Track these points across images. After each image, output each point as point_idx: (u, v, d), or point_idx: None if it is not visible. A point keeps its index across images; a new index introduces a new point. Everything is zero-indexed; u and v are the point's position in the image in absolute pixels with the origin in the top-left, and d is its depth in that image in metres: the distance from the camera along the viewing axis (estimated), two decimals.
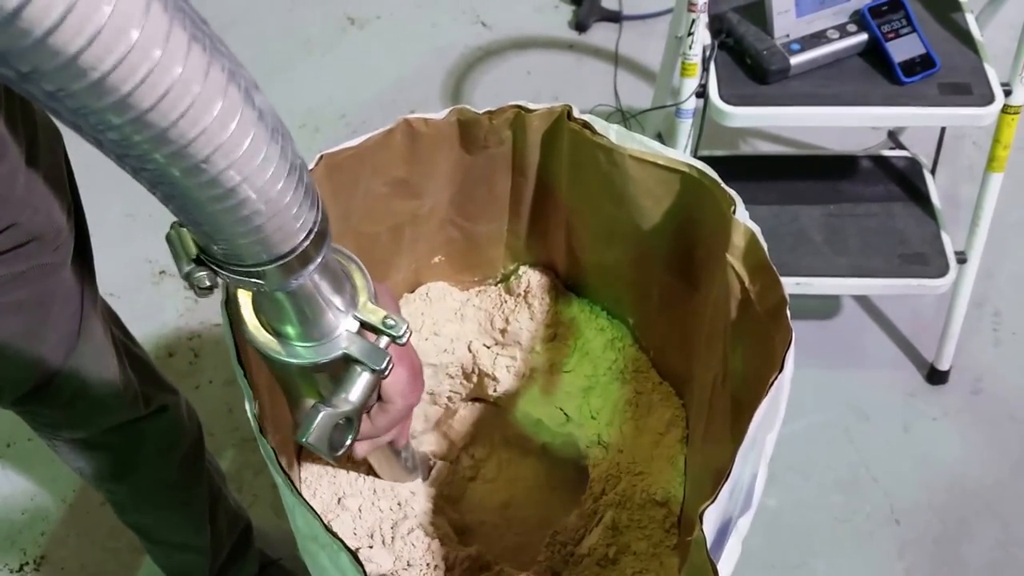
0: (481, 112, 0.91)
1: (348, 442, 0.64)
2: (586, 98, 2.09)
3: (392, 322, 0.62)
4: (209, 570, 1.33)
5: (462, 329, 1.11)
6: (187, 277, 0.52)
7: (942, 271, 1.55)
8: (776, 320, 0.78)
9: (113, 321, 1.08)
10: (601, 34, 2.29)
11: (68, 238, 0.88)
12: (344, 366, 0.62)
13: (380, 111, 2.15)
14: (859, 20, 1.43)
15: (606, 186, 0.92)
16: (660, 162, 0.87)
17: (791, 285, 1.54)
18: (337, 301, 0.60)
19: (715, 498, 0.65)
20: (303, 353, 0.61)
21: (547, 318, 1.10)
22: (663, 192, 0.89)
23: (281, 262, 0.50)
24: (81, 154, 0.79)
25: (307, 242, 0.51)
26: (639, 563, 0.91)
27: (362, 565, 0.62)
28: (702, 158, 1.61)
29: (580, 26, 2.26)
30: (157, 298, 1.85)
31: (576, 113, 0.90)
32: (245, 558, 1.40)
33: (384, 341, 0.63)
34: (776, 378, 0.72)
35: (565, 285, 1.11)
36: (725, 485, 0.66)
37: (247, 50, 2.25)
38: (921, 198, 1.64)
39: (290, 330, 0.61)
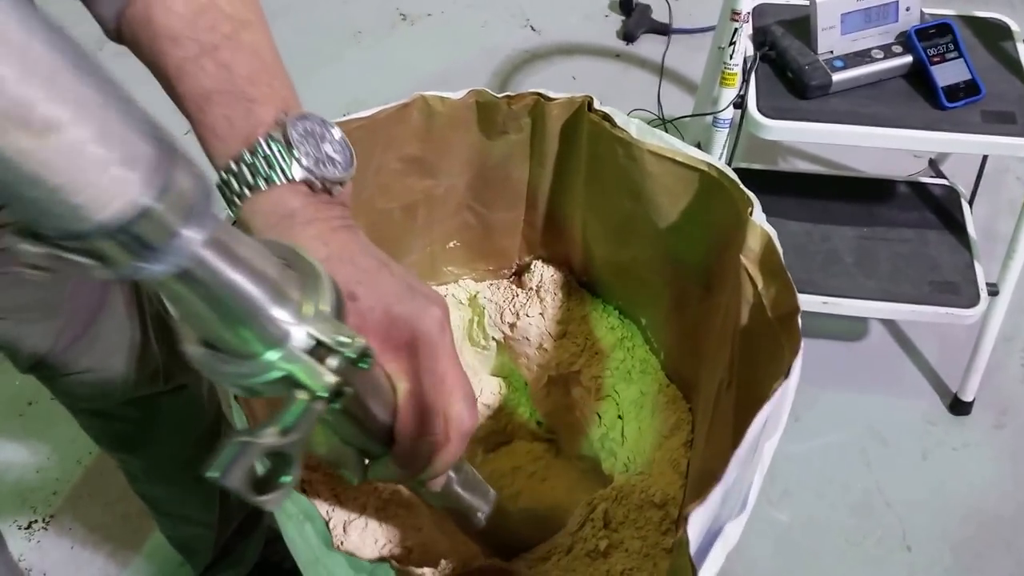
0: (500, 96, 0.90)
1: (283, 485, 0.47)
2: (629, 106, 2.09)
3: (346, 340, 0.48)
4: (215, 545, 1.33)
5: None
6: (17, 252, 0.39)
7: (972, 301, 1.53)
8: (787, 327, 0.76)
9: (150, 290, 1.06)
10: (649, 45, 2.30)
11: None
12: (287, 390, 0.49)
13: None
14: (905, 42, 1.41)
15: (624, 181, 0.91)
16: (679, 159, 0.86)
17: (818, 304, 1.53)
18: (274, 310, 0.46)
19: (703, 500, 0.63)
20: (227, 372, 0.47)
21: (558, 314, 1.09)
22: (681, 190, 0.88)
23: (114, 232, 0.36)
24: None
25: (145, 208, 0.36)
26: (631, 561, 0.89)
27: (329, 531, 0.60)
28: (737, 170, 1.61)
29: (628, 36, 2.26)
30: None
31: (597, 105, 0.90)
32: (253, 535, 1.40)
33: (336, 362, 0.49)
34: (781, 385, 0.70)
35: (579, 282, 1.10)
36: (717, 488, 0.64)
37: (297, 38, 2.30)
38: (957, 227, 1.62)
39: (216, 340, 0.47)
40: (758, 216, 0.81)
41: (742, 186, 0.83)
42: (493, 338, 1.11)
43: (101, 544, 1.58)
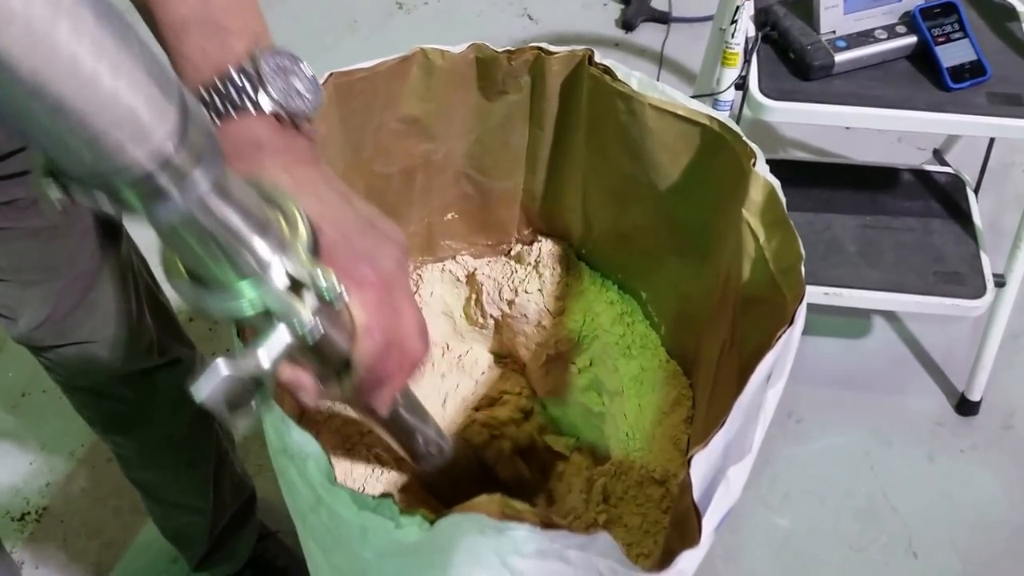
0: (500, 51, 0.88)
1: (254, 409, 0.53)
2: None
3: (321, 279, 0.52)
4: (208, 535, 1.31)
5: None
6: (39, 190, 0.43)
7: (979, 292, 1.49)
8: (789, 278, 0.74)
9: (143, 264, 1.07)
10: (648, 34, 2.28)
11: None
12: (268, 320, 0.52)
13: None
14: (909, 22, 1.38)
15: (624, 139, 0.88)
16: (680, 112, 0.83)
17: (820, 295, 1.49)
18: (257, 244, 0.49)
19: (706, 444, 0.60)
20: (212, 303, 0.51)
21: (557, 290, 1.06)
22: (682, 147, 0.85)
23: (134, 178, 0.40)
24: None
25: (166, 157, 0.40)
26: (630, 536, 0.86)
27: (331, 466, 0.57)
28: None
29: (627, 25, 2.24)
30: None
31: (598, 58, 0.87)
32: (246, 527, 1.38)
33: (310, 298, 0.52)
34: (785, 332, 0.67)
35: (577, 256, 1.07)
36: (719, 434, 0.61)
37: (293, 27, 2.28)
38: (962, 216, 1.58)
39: (201, 273, 0.50)
40: (761, 167, 0.79)
41: (744, 138, 0.80)
42: (491, 316, 1.07)
43: (93, 537, 1.55)
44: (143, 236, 1.06)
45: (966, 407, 1.66)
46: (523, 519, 0.58)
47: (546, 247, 1.06)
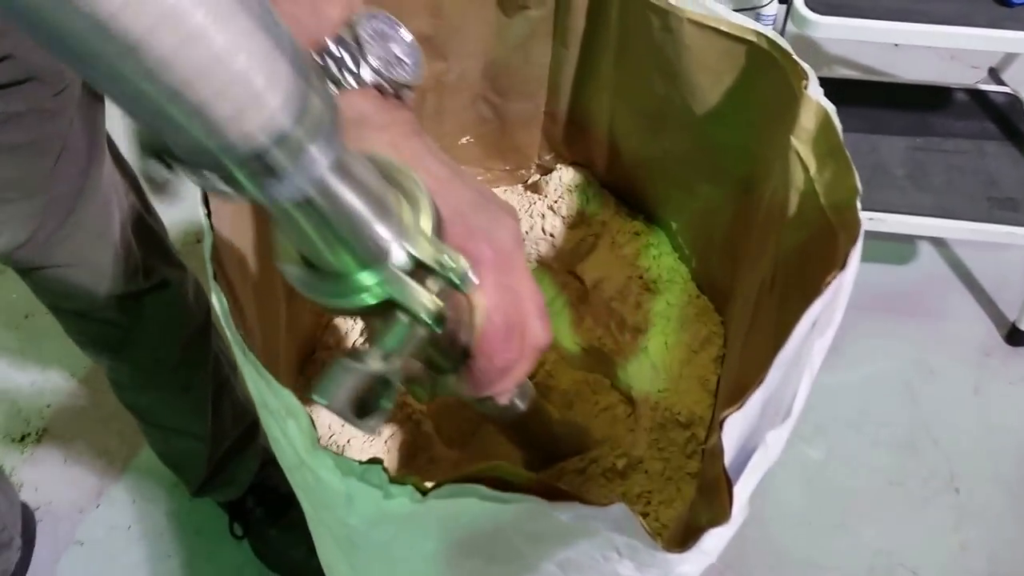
0: None
1: (382, 410, 0.48)
2: None
3: (450, 262, 0.47)
4: (208, 459, 1.30)
5: None
6: (143, 171, 0.40)
7: None
8: (843, 214, 0.68)
9: (131, 186, 1.05)
10: None
11: (72, 87, 0.85)
12: (390, 312, 0.48)
13: None
14: None
15: (658, 59, 0.80)
16: (723, 28, 0.75)
17: (863, 220, 1.41)
18: (378, 228, 0.45)
19: (742, 405, 0.54)
20: (330, 293, 0.47)
21: (578, 220, 1.00)
22: (724, 67, 0.77)
23: (249, 159, 0.36)
24: None
25: (285, 133, 0.36)
26: (651, 483, 0.81)
27: (315, 428, 0.52)
28: None
29: None
30: (182, 187, 1.80)
31: None
32: (247, 453, 1.37)
33: (439, 285, 0.48)
34: (835, 277, 0.61)
35: (601, 184, 1.00)
36: (757, 393, 0.55)
37: None
38: (1018, 138, 1.51)
39: (318, 260, 0.47)
40: (814, 90, 0.71)
41: (795, 57, 0.72)
42: None
43: (95, 459, 1.54)
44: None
45: (1017, 337, 1.60)
46: (526, 489, 0.53)
47: (566, 175, 1.00)
